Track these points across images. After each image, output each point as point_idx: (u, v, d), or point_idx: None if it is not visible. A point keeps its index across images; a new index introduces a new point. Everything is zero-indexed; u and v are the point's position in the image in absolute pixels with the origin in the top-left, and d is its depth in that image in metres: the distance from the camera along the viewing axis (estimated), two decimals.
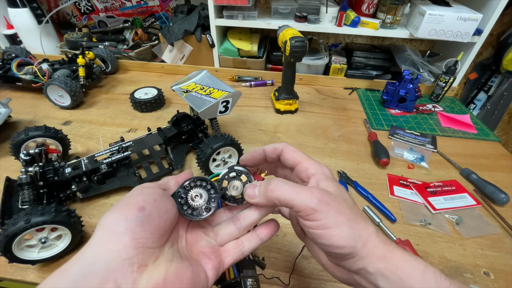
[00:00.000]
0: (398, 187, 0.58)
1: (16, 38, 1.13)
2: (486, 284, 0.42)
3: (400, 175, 0.61)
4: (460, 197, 0.56)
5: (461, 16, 0.77)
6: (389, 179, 0.59)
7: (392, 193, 0.56)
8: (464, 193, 0.57)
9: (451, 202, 0.55)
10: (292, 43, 0.65)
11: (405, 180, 0.59)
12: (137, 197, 0.21)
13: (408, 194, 0.56)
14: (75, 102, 0.77)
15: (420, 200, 0.55)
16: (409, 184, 0.58)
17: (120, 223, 0.18)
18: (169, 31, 0.96)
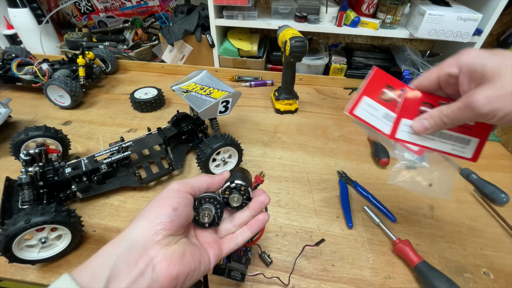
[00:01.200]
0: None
1: (16, 38, 1.13)
2: (486, 284, 0.42)
3: None
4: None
5: (461, 16, 0.77)
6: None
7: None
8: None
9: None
10: (292, 43, 0.65)
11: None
12: (174, 199, 0.27)
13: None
14: (75, 102, 0.77)
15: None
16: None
17: (157, 217, 0.25)
18: (169, 31, 0.96)
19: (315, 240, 0.46)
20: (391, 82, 0.34)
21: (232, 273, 0.35)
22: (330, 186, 0.57)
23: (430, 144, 0.34)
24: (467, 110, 0.26)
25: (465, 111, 0.27)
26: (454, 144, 0.33)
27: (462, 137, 0.33)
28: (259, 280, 0.41)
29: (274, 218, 0.50)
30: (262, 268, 0.43)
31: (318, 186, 0.57)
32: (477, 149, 0.33)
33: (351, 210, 0.52)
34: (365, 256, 0.45)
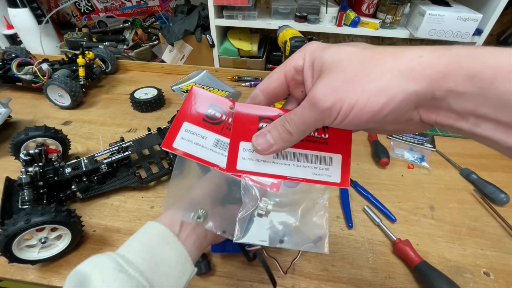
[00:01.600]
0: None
1: (16, 38, 1.13)
2: (486, 284, 0.42)
3: None
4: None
5: (461, 16, 0.77)
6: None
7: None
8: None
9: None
10: (292, 43, 0.65)
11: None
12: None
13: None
14: (75, 102, 0.77)
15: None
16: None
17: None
18: (169, 31, 0.96)
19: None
20: (214, 99, 0.27)
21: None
22: (330, 186, 0.57)
23: (285, 171, 0.25)
24: (311, 108, 0.20)
25: (309, 110, 0.20)
26: (315, 166, 0.26)
27: (320, 155, 0.26)
28: (260, 280, 0.41)
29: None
30: (261, 268, 0.43)
31: (318, 186, 0.57)
32: (344, 168, 0.27)
33: (351, 210, 0.52)
34: (365, 256, 0.45)
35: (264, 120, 0.26)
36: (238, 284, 0.40)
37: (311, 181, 0.26)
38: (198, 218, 0.28)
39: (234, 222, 0.27)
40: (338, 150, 0.27)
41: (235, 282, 0.40)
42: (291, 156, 0.26)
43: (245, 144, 0.26)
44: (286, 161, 0.26)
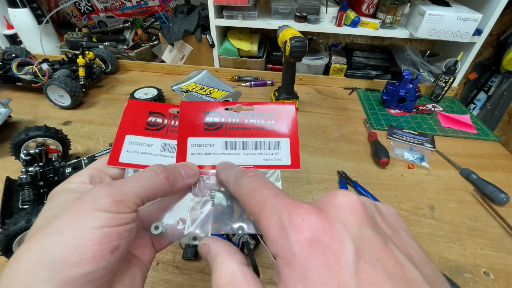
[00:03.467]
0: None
1: (16, 38, 1.13)
2: (486, 284, 0.42)
3: None
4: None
5: (461, 16, 0.77)
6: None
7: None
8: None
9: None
10: (292, 43, 0.65)
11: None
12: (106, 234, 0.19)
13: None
14: (75, 102, 0.77)
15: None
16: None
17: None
18: (169, 31, 0.96)
19: None
20: (151, 107, 0.27)
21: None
22: (330, 186, 0.57)
23: (235, 161, 0.26)
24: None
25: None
26: (265, 152, 0.26)
27: (269, 140, 0.27)
28: (260, 280, 0.41)
29: None
30: (261, 268, 0.43)
31: (318, 186, 0.57)
32: (293, 151, 0.27)
33: None
34: None
35: (210, 114, 0.27)
36: None
37: (263, 167, 0.26)
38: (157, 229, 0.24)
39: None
40: (285, 134, 0.27)
41: None
42: (240, 145, 0.27)
43: (193, 140, 0.26)
44: (236, 151, 0.26)
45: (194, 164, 0.25)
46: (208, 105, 0.27)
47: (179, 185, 0.22)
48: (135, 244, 0.22)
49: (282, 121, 0.27)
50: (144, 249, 0.23)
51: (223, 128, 0.27)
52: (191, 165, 0.24)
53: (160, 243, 0.24)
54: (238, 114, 0.28)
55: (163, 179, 0.21)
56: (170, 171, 0.22)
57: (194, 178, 0.24)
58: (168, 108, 0.28)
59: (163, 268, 0.42)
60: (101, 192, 0.18)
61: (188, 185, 0.23)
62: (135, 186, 0.19)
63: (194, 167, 0.24)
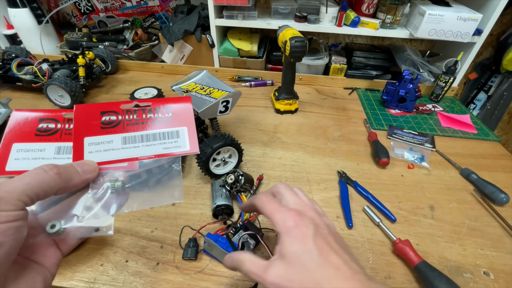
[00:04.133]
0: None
1: (16, 38, 1.13)
2: (486, 284, 0.42)
3: None
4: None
5: (461, 16, 0.77)
6: None
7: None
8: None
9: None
10: (292, 43, 0.65)
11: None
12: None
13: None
14: (75, 102, 0.77)
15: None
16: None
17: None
18: (169, 31, 0.96)
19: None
20: (43, 114, 0.28)
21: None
22: (330, 186, 0.57)
23: (136, 153, 0.28)
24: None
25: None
26: (164, 142, 0.29)
27: (167, 131, 0.30)
28: None
29: None
30: None
31: (318, 186, 0.57)
32: (191, 138, 0.30)
33: (351, 210, 0.52)
34: (365, 256, 0.45)
35: (107, 114, 0.29)
36: (238, 284, 0.40)
37: (164, 155, 0.28)
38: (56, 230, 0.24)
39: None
40: (183, 124, 0.30)
41: (235, 282, 0.40)
42: (139, 138, 0.29)
43: (90, 139, 0.27)
44: (135, 144, 0.28)
45: (92, 161, 0.26)
46: (103, 105, 0.29)
47: (75, 181, 0.23)
48: (34, 248, 0.22)
49: (179, 113, 0.30)
50: (47, 253, 0.23)
51: (121, 125, 0.29)
52: (88, 162, 0.25)
53: (66, 243, 0.24)
54: (136, 110, 0.30)
55: (53, 175, 0.21)
56: (62, 168, 0.22)
57: (92, 173, 0.25)
58: (61, 113, 0.29)
59: (163, 268, 0.42)
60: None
61: (87, 180, 0.24)
62: (19, 184, 0.19)
63: (91, 163, 0.25)
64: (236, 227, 0.42)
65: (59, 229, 0.23)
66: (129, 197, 0.26)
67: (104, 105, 0.29)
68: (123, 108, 0.29)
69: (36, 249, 0.22)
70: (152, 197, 0.27)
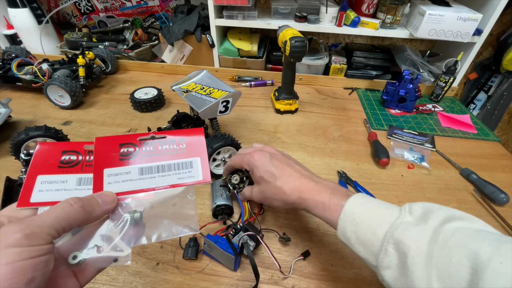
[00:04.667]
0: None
1: (16, 38, 1.13)
2: None
3: None
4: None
5: (461, 16, 0.77)
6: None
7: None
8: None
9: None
10: (292, 43, 0.65)
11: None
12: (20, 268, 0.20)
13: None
14: (75, 102, 0.77)
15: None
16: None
17: None
18: (169, 31, 0.96)
19: (315, 240, 0.46)
20: (65, 146, 0.29)
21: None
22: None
23: (152, 184, 0.29)
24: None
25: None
26: (179, 172, 0.30)
27: (182, 162, 0.31)
28: (260, 280, 0.41)
29: (274, 218, 0.50)
30: (261, 268, 0.43)
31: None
32: (203, 167, 0.32)
33: None
34: None
35: (125, 146, 0.30)
36: (238, 284, 0.40)
37: (178, 185, 0.30)
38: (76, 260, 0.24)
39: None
40: (196, 154, 0.32)
41: (235, 282, 0.40)
42: (155, 169, 0.30)
43: (110, 170, 0.28)
44: (152, 175, 0.29)
45: (111, 192, 0.27)
46: (122, 138, 0.30)
47: (97, 213, 0.24)
48: (56, 279, 0.23)
49: (192, 144, 0.32)
50: (67, 284, 0.23)
51: (138, 157, 0.30)
52: (107, 193, 0.26)
53: (84, 274, 0.24)
54: (152, 142, 0.31)
55: (78, 208, 0.22)
56: (85, 200, 0.23)
57: (112, 204, 0.26)
58: (82, 146, 0.29)
59: (163, 268, 0.42)
60: (10, 230, 0.18)
61: (107, 211, 0.25)
62: (48, 219, 0.20)
63: (111, 194, 0.26)
64: (236, 228, 0.42)
65: (80, 260, 0.23)
66: (146, 228, 0.27)
67: (122, 137, 0.30)
68: (140, 140, 0.30)
69: (57, 280, 0.23)
70: (169, 228, 0.28)
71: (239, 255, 0.40)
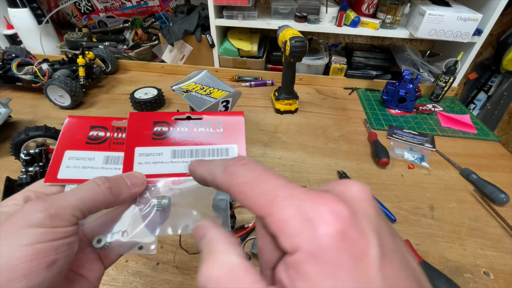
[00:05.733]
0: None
1: (16, 38, 1.13)
2: (486, 284, 0.42)
3: None
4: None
5: (461, 16, 0.77)
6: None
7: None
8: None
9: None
10: (292, 43, 0.65)
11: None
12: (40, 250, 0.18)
13: None
14: (75, 102, 0.77)
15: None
16: None
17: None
18: (169, 31, 0.96)
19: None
20: (94, 121, 0.28)
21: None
22: None
23: (184, 168, 0.26)
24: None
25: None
26: (213, 159, 0.27)
27: (217, 148, 0.28)
28: None
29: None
30: None
31: (318, 187, 0.57)
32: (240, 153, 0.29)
33: None
34: None
35: (159, 124, 0.27)
36: None
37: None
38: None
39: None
40: (233, 141, 0.28)
41: None
42: (188, 153, 0.27)
43: (141, 149, 0.26)
44: (184, 159, 0.26)
45: (140, 173, 0.25)
46: (156, 115, 0.28)
47: (124, 195, 0.22)
48: (81, 262, 0.22)
49: (230, 129, 0.28)
50: (92, 266, 0.22)
51: (172, 137, 0.27)
52: (137, 174, 0.24)
53: (108, 258, 0.23)
54: (187, 123, 0.28)
55: (105, 190, 0.20)
56: (113, 181, 0.21)
57: (141, 187, 0.24)
58: (111, 121, 0.28)
59: (163, 268, 0.42)
60: (33, 208, 0.17)
61: (135, 194, 0.23)
62: (73, 199, 0.19)
63: (140, 176, 0.24)
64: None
65: (104, 244, 0.22)
66: (173, 217, 0.24)
67: (157, 114, 0.28)
68: (175, 119, 0.28)
69: (82, 262, 0.22)
70: (197, 221, 0.25)
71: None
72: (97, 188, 0.20)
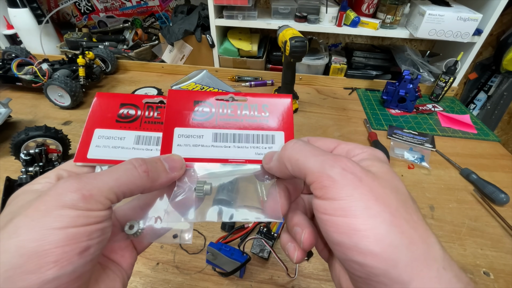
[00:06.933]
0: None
1: (16, 38, 1.13)
2: (486, 284, 0.42)
3: None
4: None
5: (461, 16, 0.77)
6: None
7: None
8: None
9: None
10: (292, 43, 0.65)
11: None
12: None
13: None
14: (75, 102, 0.77)
15: None
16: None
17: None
18: (169, 31, 0.96)
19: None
20: (124, 98, 0.26)
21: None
22: None
23: (226, 154, 0.24)
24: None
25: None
26: (257, 146, 0.25)
27: (262, 133, 0.25)
28: (260, 280, 0.41)
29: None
30: (260, 268, 0.43)
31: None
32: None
33: None
34: None
35: (200, 104, 0.25)
36: (238, 283, 0.40)
37: (255, 162, 0.24)
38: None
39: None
40: (280, 127, 0.26)
41: (235, 282, 0.40)
42: (231, 137, 0.25)
43: (181, 130, 0.24)
44: (226, 144, 0.25)
45: (179, 156, 0.23)
46: (198, 94, 0.26)
47: (162, 180, 0.20)
48: (114, 248, 0.21)
49: (277, 114, 0.26)
50: (125, 252, 0.21)
51: (214, 119, 0.25)
52: (176, 158, 0.22)
53: (141, 244, 0.22)
54: (230, 104, 0.26)
55: (142, 173, 0.19)
56: (150, 164, 0.20)
57: (179, 171, 0.22)
58: (142, 99, 0.26)
59: (163, 268, 0.42)
60: (67, 187, 0.16)
61: (173, 179, 0.21)
62: (108, 180, 0.17)
63: (179, 160, 0.22)
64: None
65: (137, 230, 0.21)
66: (215, 204, 0.23)
67: (198, 93, 0.26)
68: (218, 99, 0.26)
69: (114, 248, 0.21)
70: (243, 210, 0.23)
71: (248, 262, 0.38)
72: (134, 171, 0.19)
